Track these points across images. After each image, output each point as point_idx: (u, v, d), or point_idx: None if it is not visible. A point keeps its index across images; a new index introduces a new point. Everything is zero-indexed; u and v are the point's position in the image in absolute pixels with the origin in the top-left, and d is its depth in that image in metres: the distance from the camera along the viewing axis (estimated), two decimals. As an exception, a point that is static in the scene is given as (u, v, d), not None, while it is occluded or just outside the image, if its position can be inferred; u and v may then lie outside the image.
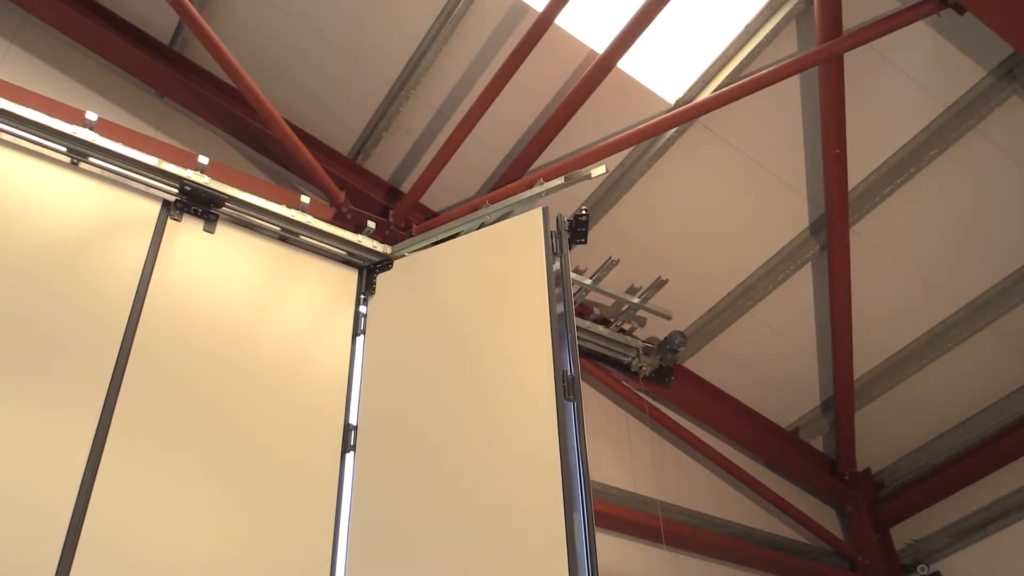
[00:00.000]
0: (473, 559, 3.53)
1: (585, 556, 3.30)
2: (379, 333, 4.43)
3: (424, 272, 4.56)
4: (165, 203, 4.23)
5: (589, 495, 3.44)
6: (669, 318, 5.54)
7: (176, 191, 4.25)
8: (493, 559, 3.49)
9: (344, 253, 4.66)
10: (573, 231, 4.70)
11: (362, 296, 4.60)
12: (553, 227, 4.25)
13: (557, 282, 4.06)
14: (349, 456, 4.05)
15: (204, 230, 4.28)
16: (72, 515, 3.27)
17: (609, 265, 5.32)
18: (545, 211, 4.30)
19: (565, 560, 3.26)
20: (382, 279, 4.66)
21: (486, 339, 4.09)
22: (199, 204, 4.30)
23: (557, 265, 4.13)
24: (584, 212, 4.62)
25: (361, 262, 4.70)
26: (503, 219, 4.68)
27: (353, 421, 4.15)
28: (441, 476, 3.80)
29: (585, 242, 4.61)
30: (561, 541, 3.31)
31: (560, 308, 3.98)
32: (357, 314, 4.52)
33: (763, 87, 4.54)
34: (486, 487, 3.67)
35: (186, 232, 4.21)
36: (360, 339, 4.45)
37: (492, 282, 4.26)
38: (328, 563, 3.72)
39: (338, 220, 4.80)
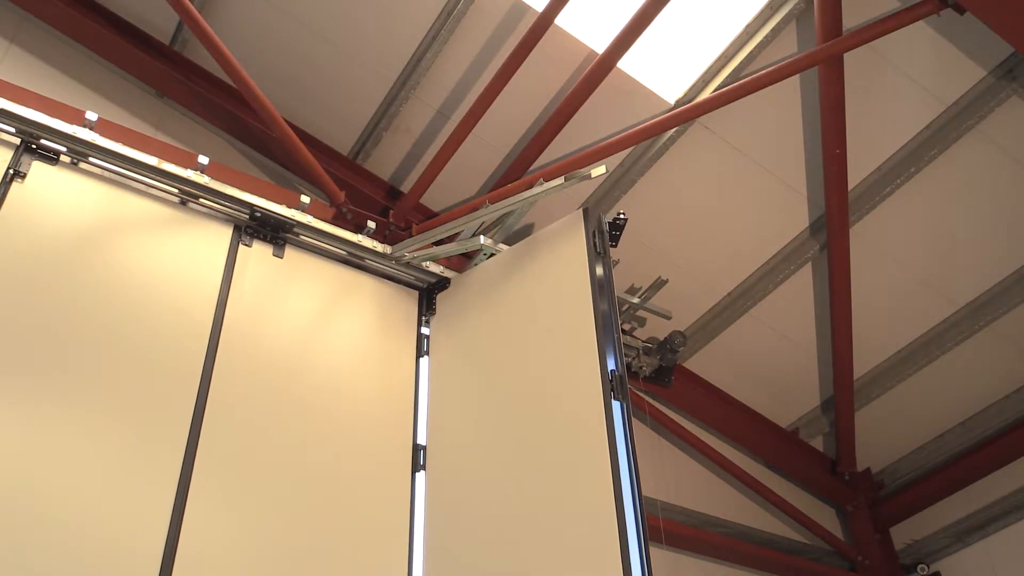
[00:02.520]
0: (538, 568, 3.59)
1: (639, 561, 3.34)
2: (441, 353, 4.53)
3: (478, 288, 4.63)
4: (236, 228, 4.31)
5: (640, 501, 3.47)
6: (669, 318, 5.53)
7: (247, 216, 4.35)
8: (554, 565, 3.54)
9: (411, 277, 4.80)
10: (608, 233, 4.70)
11: (423, 318, 4.70)
12: (594, 227, 4.28)
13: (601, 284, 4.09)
14: (419, 475, 4.15)
15: (273, 255, 4.37)
16: (165, 543, 3.34)
17: (609, 265, 5.32)
18: (586, 211, 4.34)
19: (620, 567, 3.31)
20: (441, 299, 4.75)
21: (538, 347, 4.14)
22: (268, 229, 4.39)
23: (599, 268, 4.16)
24: (622, 216, 4.60)
25: (421, 284, 4.81)
26: (503, 219, 4.69)
27: (421, 441, 4.25)
28: (507, 488, 3.86)
29: (616, 245, 4.59)
30: (616, 552, 3.34)
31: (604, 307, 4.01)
32: (419, 335, 4.62)
33: (763, 87, 4.53)
34: (546, 497, 3.72)
35: (256, 257, 4.31)
36: (424, 360, 4.55)
37: (541, 289, 4.31)
38: None
39: (338, 220, 4.80)
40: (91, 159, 4.10)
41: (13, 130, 3.99)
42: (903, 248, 5.33)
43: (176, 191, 4.28)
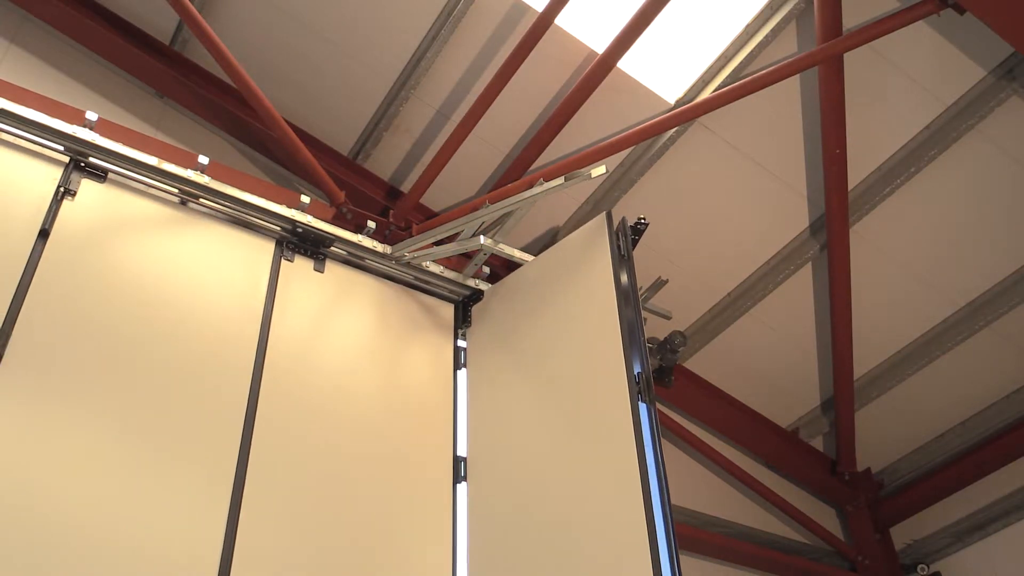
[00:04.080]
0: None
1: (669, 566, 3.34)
2: (478, 365, 4.56)
3: (511, 298, 4.65)
4: (278, 243, 4.35)
5: (668, 503, 3.48)
6: (669, 318, 5.51)
7: (288, 232, 4.39)
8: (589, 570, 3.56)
9: (446, 291, 4.84)
10: None
11: (460, 330, 4.74)
12: (617, 230, 4.29)
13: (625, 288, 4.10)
14: (461, 486, 4.18)
15: (314, 269, 4.41)
16: (220, 560, 3.37)
17: (609, 265, 5.32)
18: (608, 214, 4.34)
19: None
20: (476, 311, 4.79)
21: (570, 355, 4.15)
22: (309, 244, 4.44)
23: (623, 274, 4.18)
24: (643, 220, 4.59)
25: (456, 297, 4.85)
26: (503, 219, 4.69)
27: (462, 452, 4.28)
28: (544, 495, 3.87)
29: (634, 249, 4.60)
30: (647, 557, 3.35)
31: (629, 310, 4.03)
32: (456, 348, 4.66)
33: (763, 87, 4.53)
34: (580, 503, 3.73)
35: (298, 273, 4.34)
36: (462, 372, 4.58)
37: (569, 296, 4.32)
38: None
39: (338, 220, 4.79)
40: (91, 159, 4.09)
41: (62, 148, 4.03)
42: (903, 248, 5.34)
43: (176, 191, 4.28)
